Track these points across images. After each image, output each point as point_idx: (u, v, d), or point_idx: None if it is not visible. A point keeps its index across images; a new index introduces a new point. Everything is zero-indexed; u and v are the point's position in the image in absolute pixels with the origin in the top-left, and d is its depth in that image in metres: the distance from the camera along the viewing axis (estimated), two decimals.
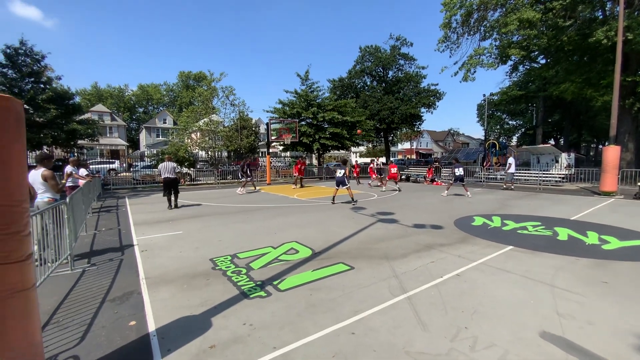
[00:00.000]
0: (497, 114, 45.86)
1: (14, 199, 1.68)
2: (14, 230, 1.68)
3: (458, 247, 5.23)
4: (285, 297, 3.44)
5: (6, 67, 15.87)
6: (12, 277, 1.68)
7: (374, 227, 6.79)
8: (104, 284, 3.90)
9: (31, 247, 1.82)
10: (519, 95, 27.59)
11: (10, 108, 1.64)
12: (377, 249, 5.15)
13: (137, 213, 8.97)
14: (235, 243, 5.62)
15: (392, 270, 4.18)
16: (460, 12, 15.14)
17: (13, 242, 1.67)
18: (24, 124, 1.75)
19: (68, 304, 3.36)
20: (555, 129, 41.43)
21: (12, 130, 1.65)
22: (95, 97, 57.78)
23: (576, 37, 15.15)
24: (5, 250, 1.63)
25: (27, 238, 1.78)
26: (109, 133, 43.67)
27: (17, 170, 1.70)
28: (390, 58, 31.19)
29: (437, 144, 68.92)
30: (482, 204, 10.14)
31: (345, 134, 22.82)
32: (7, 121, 1.62)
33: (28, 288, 1.79)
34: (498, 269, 4.21)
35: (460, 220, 7.47)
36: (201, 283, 3.86)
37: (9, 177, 1.65)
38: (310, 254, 4.94)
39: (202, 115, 24.44)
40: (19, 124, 1.70)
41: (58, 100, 17.41)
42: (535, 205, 9.70)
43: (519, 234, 6.06)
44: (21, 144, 1.72)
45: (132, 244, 5.72)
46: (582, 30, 14.94)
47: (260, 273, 4.16)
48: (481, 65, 15.21)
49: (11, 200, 1.66)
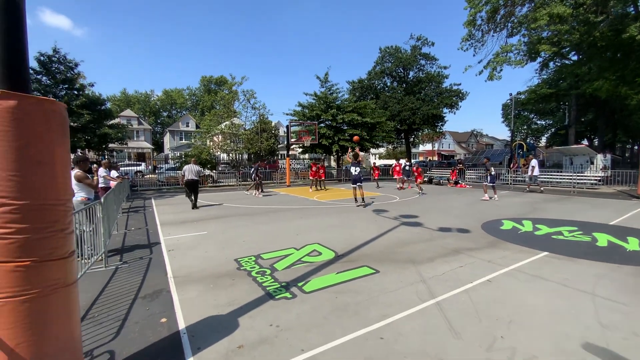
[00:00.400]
0: (523, 114, 43.95)
1: (59, 198, 1.75)
2: (59, 228, 1.75)
3: (487, 252, 5.01)
4: (310, 299, 3.41)
5: (40, 73, 16.90)
6: (56, 273, 1.76)
7: (397, 230, 6.65)
8: (135, 282, 4.03)
9: (73, 244, 1.89)
10: (549, 93, 26.22)
11: (55, 111, 1.71)
12: (402, 253, 5.02)
13: (163, 214, 9.27)
14: (258, 244, 5.67)
15: (418, 275, 4.06)
16: (486, 8, 14.63)
17: (57, 240, 1.74)
18: (67, 127, 1.83)
19: (103, 300, 3.50)
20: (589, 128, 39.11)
21: (57, 132, 1.73)
22: (124, 102, 60.73)
23: (609, 33, 14.26)
24: (50, 247, 1.71)
25: (71, 235, 1.86)
26: (136, 137, 45.68)
27: (62, 170, 1.77)
28: (411, 58, 30.65)
29: (460, 145, 66.96)
30: (510, 207, 9.71)
31: (365, 135, 22.62)
32: (52, 123, 1.70)
33: (70, 284, 1.87)
34: (533, 276, 3.98)
35: (488, 224, 7.17)
36: (227, 283, 3.91)
37: (55, 176, 1.73)
38: (333, 256, 4.90)
39: (224, 118, 25.05)
40: (63, 126, 1.78)
41: (91, 106, 18.41)
42: (569, 209, 9.17)
43: (554, 240, 5.73)
44: (65, 145, 1.80)
45: (159, 243, 5.90)
46: (615, 26, 14.06)
47: (285, 274, 4.16)
48: (508, 63, 14.57)
49: (57, 199, 1.73)
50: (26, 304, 1.61)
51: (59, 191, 1.75)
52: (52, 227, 1.71)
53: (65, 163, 1.80)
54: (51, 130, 1.69)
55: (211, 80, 66.49)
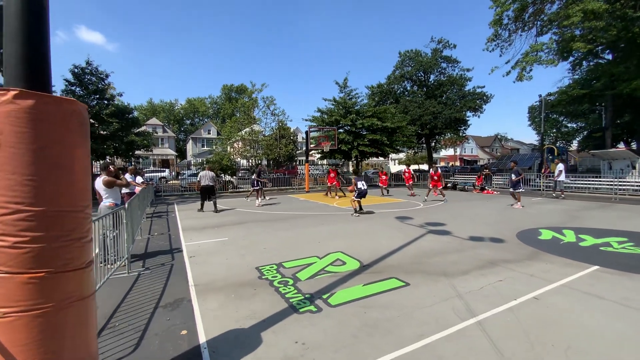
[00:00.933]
0: (552, 117, 41.81)
1: (77, 205, 1.64)
2: (77, 237, 1.63)
3: (528, 265, 4.58)
4: (336, 314, 3.17)
5: (74, 85, 17.81)
6: (72, 285, 1.63)
7: (424, 239, 6.29)
8: (157, 289, 3.95)
9: (91, 254, 1.78)
10: (581, 94, 24.73)
11: (75, 111, 1.61)
12: (432, 264, 4.69)
13: (185, 219, 9.34)
14: (279, 251, 5.50)
15: (453, 289, 3.72)
16: (514, 6, 14.01)
17: (74, 249, 1.63)
18: (88, 129, 1.73)
19: (124, 308, 3.42)
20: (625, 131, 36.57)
21: (76, 134, 1.62)
22: (150, 111, 63.36)
23: None
24: (66, 258, 1.59)
25: (89, 245, 1.74)
26: (161, 144, 47.38)
27: (80, 175, 1.66)
28: (432, 62, 30.03)
29: (483, 150, 64.65)
30: (545, 215, 9.04)
31: (385, 141, 22.19)
32: (72, 124, 1.59)
33: (87, 296, 1.74)
34: (586, 294, 3.55)
35: (523, 233, 6.66)
36: (248, 293, 3.74)
37: (74, 181, 1.62)
38: (359, 266, 4.63)
39: (244, 125, 25.44)
40: (83, 128, 1.68)
41: (119, 115, 19.16)
42: (613, 218, 8.41)
43: (603, 252, 5.18)
44: (85, 148, 1.70)
45: (181, 249, 5.86)
46: None
47: (308, 285, 3.95)
48: (539, 63, 13.84)
49: (75, 205, 1.62)
50: (40, 319, 1.49)
51: (78, 197, 1.64)
52: (69, 235, 1.59)
53: (84, 167, 1.69)
54: (71, 132, 1.59)
55: (232, 88, 68.20)
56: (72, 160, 1.60)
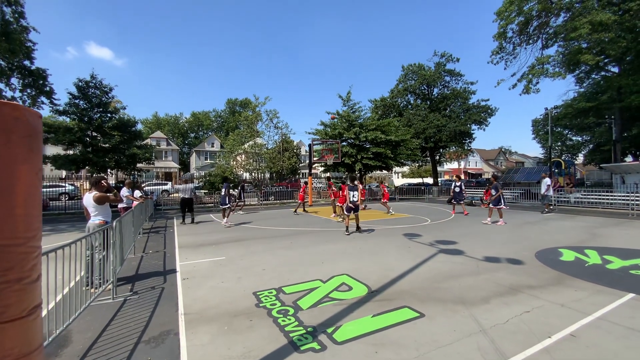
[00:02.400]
0: (557, 130, 41.46)
1: (16, 237, 1.28)
2: (14, 278, 1.27)
3: (555, 292, 4.12)
4: (343, 354, 2.74)
5: (78, 98, 17.90)
6: (9, 340, 1.26)
7: (436, 259, 5.84)
8: (142, 319, 3.54)
9: (38, 297, 1.41)
10: (587, 107, 24.45)
11: (19, 119, 1.28)
12: (448, 290, 4.24)
13: (182, 235, 8.97)
14: (280, 273, 5.09)
15: (475, 322, 3.28)
16: (518, 20, 13.93)
17: (11, 294, 1.26)
18: (38, 140, 1.39)
19: (101, 344, 3.01)
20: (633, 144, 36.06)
21: (20, 147, 1.29)
22: (155, 124, 64.03)
23: None
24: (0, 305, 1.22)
25: (33, 286, 1.37)
26: (164, 157, 47.52)
27: (24, 198, 1.32)
28: (435, 75, 30.06)
29: (488, 163, 64.13)
30: (563, 232, 8.55)
31: (389, 154, 21.90)
32: (13, 135, 1.26)
33: (30, 352, 1.36)
34: (629, 329, 3.09)
35: (542, 253, 6.18)
36: (244, 324, 3.33)
37: (13, 206, 1.28)
38: (366, 292, 4.20)
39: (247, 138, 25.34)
40: (31, 140, 1.35)
41: (122, 128, 19.17)
42: (636, 236, 7.90)
43: (635, 276, 4.71)
44: (32, 164, 1.36)
45: (175, 270, 5.47)
46: None
47: (311, 315, 3.52)
48: (546, 75, 13.62)
49: (12, 237, 1.27)
50: None
51: (18, 227, 1.29)
52: (3, 276, 1.24)
53: (31, 188, 1.35)
54: (11, 144, 1.26)
55: (236, 102, 69.01)
56: (11, 181, 1.26)
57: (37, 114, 1.41)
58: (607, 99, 23.63)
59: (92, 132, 18.06)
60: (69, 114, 17.83)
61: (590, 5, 13.11)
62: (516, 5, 14.00)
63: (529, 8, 13.17)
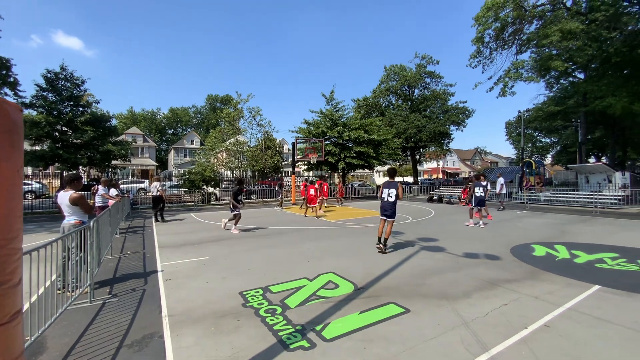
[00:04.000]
0: (528, 132, 43.67)
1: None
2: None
3: (530, 285, 4.36)
4: (333, 350, 2.77)
5: (46, 90, 16.85)
6: None
7: (418, 256, 6.00)
8: (124, 322, 3.42)
9: (19, 302, 1.33)
10: (555, 111, 25.93)
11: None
12: (431, 285, 4.38)
13: (162, 234, 8.70)
14: (266, 272, 5.05)
15: (457, 316, 3.41)
16: (495, 25, 14.53)
17: None
18: (19, 136, 1.31)
19: (80, 349, 2.88)
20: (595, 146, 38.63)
21: (0, 144, 1.21)
22: (131, 120, 61.38)
23: (623, 49, 14.05)
24: None
25: (14, 291, 1.30)
26: (141, 154, 45.71)
27: (4, 198, 1.24)
28: (416, 76, 30.78)
29: (465, 163, 66.47)
30: (534, 229, 9.03)
31: (372, 153, 22.22)
32: None
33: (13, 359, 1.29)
34: (597, 319, 3.32)
35: (517, 249, 6.51)
36: (231, 325, 3.29)
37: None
38: (353, 289, 4.26)
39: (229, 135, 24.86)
40: (12, 135, 1.27)
41: (95, 123, 18.25)
42: (599, 232, 8.47)
43: (599, 269, 5.06)
44: (12, 161, 1.28)
45: (156, 270, 5.30)
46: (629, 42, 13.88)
47: (299, 313, 3.53)
48: (521, 79, 14.32)
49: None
50: None
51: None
52: None
53: (12, 186, 1.28)
54: None
55: (217, 98, 67.51)
56: None
57: (18, 108, 1.33)
58: (573, 104, 25.15)
59: (62, 126, 17.07)
60: (36, 107, 16.75)
61: (560, 15, 13.90)
62: (493, 12, 14.62)
63: (504, 15, 13.80)
